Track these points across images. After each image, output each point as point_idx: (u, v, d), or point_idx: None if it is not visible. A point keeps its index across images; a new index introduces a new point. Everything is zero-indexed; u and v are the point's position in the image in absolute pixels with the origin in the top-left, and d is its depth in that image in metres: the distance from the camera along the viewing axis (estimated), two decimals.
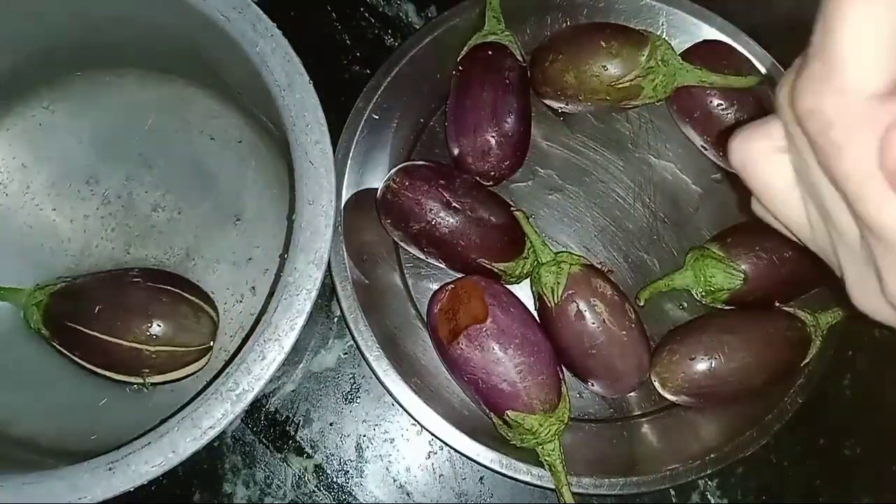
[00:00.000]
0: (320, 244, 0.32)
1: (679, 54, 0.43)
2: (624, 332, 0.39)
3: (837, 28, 0.16)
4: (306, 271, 0.32)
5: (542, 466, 0.39)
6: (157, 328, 0.38)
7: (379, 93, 0.43)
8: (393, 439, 0.44)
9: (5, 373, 0.41)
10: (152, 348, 0.38)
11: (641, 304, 0.43)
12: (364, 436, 0.44)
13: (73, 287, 0.40)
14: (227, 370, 0.31)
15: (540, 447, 0.38)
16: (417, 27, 0.49)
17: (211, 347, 0.40)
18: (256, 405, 0.44)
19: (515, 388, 0.37)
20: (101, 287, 0.40)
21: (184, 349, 0.39)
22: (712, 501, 0.44)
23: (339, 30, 0.49)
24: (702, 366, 0.40)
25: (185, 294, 0.40)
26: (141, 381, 0.39)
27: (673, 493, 0.44)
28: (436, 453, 0.44)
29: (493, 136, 0.42)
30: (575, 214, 0.46)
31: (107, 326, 0.38)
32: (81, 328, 0.38)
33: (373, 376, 0.40)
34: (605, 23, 0.45)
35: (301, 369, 0.44)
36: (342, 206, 0.41)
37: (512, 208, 0.42)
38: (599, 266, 0.44)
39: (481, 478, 0.44)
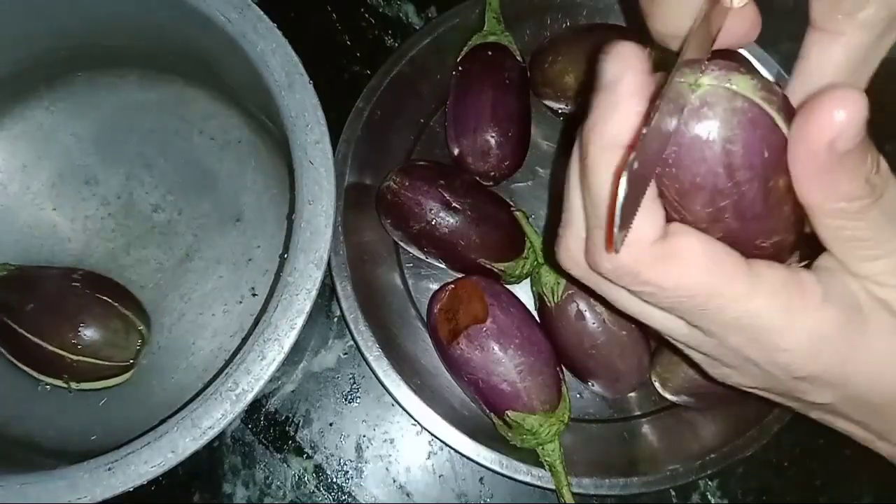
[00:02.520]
0: (320, 244, 0.32)
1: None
2: (624, 332, 0.39)
3: (602, 201, 0.20)
4: (306, 271, 0.32)
5: (542, 467, 0.39)
6: (83, 338, 0.38)
7: (379, 93, 0.43)
8: (393, 440, 0.44)
9: (3, 372, 0.41)
10: (74, 357, 0.38)
11: None
12: (364, 436, 0.44)
13: (13, 278, 0.40)
14: (226, 370, 0.31)
15: (540, 447, 0.38)
16: (417, 27, 0.49)
17: (133, 365, 0.40)
18: (256, 405, 0.44)
19: (515, 389, 0.37)
20: (41, 284, 0.40)
21: (106, 363, 0.39)
22: (713, 501, 0.44)
23: (339, 30, 0.49)
24: None
25: (121, 308, 0.39)
26: (62, 384, 0.39)
27: (673, 493, 0.44)
28: (436, 454, 0.44)
29: (493, 136, 0.41)
30: None
31: (35, 326, 0.38)
32: (10, 323, 0.38)
33: (373, 376, 0.40)
34: (604, 24, 0.45)
35: (301, 369, 0.44)
36: (342, 205, 0.41)
37: (512, 208, 0.42)
38: None
39: (481, 478, 0.44)
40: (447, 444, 0.39)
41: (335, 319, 0.45)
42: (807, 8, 0.23)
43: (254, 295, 0.43)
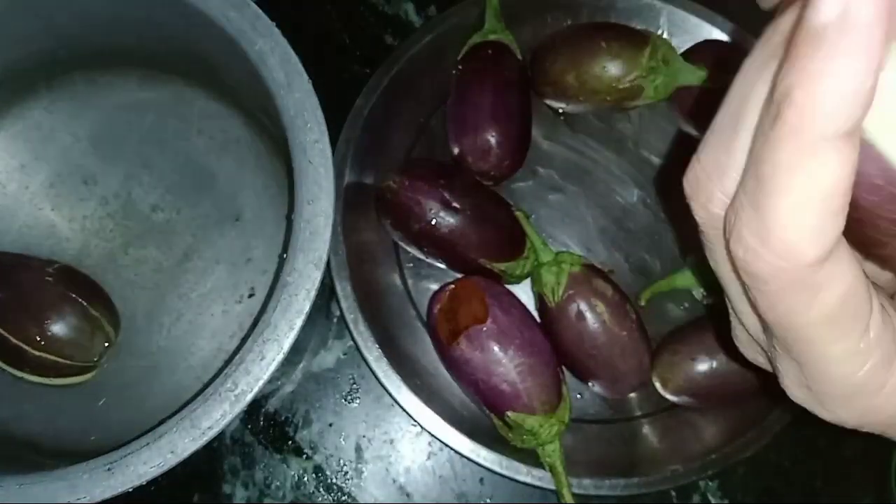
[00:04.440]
0: (319, 244, 0.32)
1: (680, 54, 0.43)
2: (625, 333, 0.39)
3: (778, 192, 0.14)
4: (305, 271, 0.32)
5: (543, 467, 0.39)
6: (47, 334, 0.38)
7: (379, 92, 0.42)
8: (392, 440, 0.44)
9: (1, 372, 0.41)
10: (36, 352, 0.38)
11: (642, 304, 0.43)
12: (364, 436, 0.44)
13: None
14: (225, 370, 0.31)
15: (540, 448, 0.38)
16: (417, 26, 0.49)
17: (94, 367, 0.40)
18: (255, 406, 0.44)
19: (516, 389, 0.37)
20: (14, 274, 0.39)
21: (67, 362, 0.39)
22: (713, 502, 0.44)
23: (338, 29, 0.49)
24: (703, 366, 0.39)
25: (90, 308, 0.39)
26: (25, 376, 0.39)
27: (674, 493, 0.44)
28: (436, 454, 0.44)
29: (493, 136, 0.41)
30: (576, 214, 0.46)
31: (1, 316, 0.38)
32: None
33: (372, 377, 0.40)
34: (605, 23, 0.45)
35: (300, 370, 0.44)
36: (341, 205, 0.41)
37: (512, 208, 0.42)
38: (600, 266, 0.44)
39: (481, 479, 0.43)
40: (447, 445, 0.39)
41: (335, 320, 0.45)
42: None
43: (252, 295, 0.43)
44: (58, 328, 0.38)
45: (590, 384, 0.41)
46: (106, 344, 0.40)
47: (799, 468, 0.45)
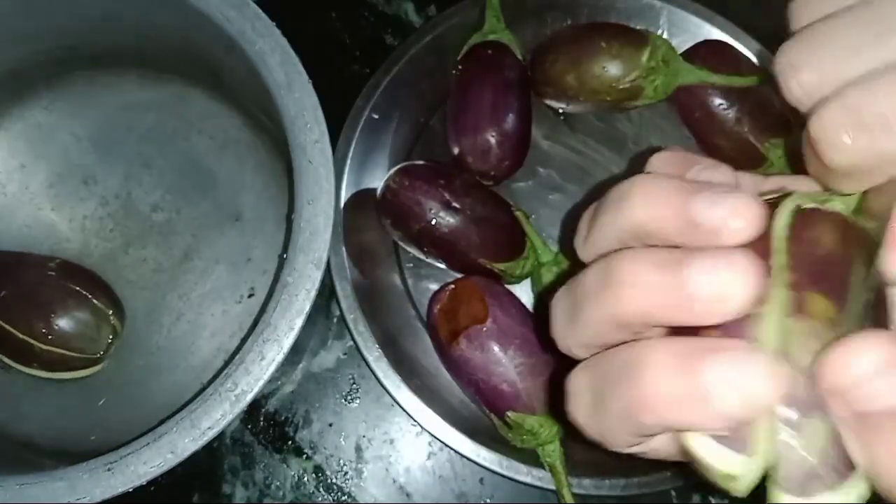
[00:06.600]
0: (319, 244, 0.32)
1: (680, 54, 0.43)
2: None
3: (604, 426, 0.20)
4: (305, 271, 0.32)
5: (543, 467, 0.39)
6: (53, 328, 0.38)
7: (379, 92, 0.42)
8: (392, 440, 0.44)
9: (1, 371, 0.41)
10: (44, 346, 0.38)
11: None
12: (364, 437, 0.44)
13: None
14: (225, 370, 0.31)
15: (540, 448, 0.38)
16: (417, 26, 0.49)
17: (104, 358, 0.40)
18: (255, 406, 0.44)
19: (516, 389, 0.37)
20: (15, 271, 0.39)
21: (75, 355, 0.39)
22: (713, 502, 0.44)
23: (338, 29, 0.49)
24: None
25: (95, 300, 0.39)
26: (29, 372, 0.39)
27: (674, 493, 0.44)
28: (436, 454, 0.44)
29: (493, 136, 0.41)
30: (576, 214, 0.46)
31: (5, 313, 0.38)
32: None
33: (372, 377, 0.40)
34: (605, 23, 0.45)
35: (300, 370, 0.44)
36: (342, 205, 0.41)
37: (512, 208, 0.42)
38: None
39: (481, 479, 0.43)
40: (447, 445, 0.39)
41: (335, 320, 0.45)
42: None
43: (252, 295, 0.43)
44: (64, 321, 0.38)
45: None
46: (112, 335, 0.40)
47: None
